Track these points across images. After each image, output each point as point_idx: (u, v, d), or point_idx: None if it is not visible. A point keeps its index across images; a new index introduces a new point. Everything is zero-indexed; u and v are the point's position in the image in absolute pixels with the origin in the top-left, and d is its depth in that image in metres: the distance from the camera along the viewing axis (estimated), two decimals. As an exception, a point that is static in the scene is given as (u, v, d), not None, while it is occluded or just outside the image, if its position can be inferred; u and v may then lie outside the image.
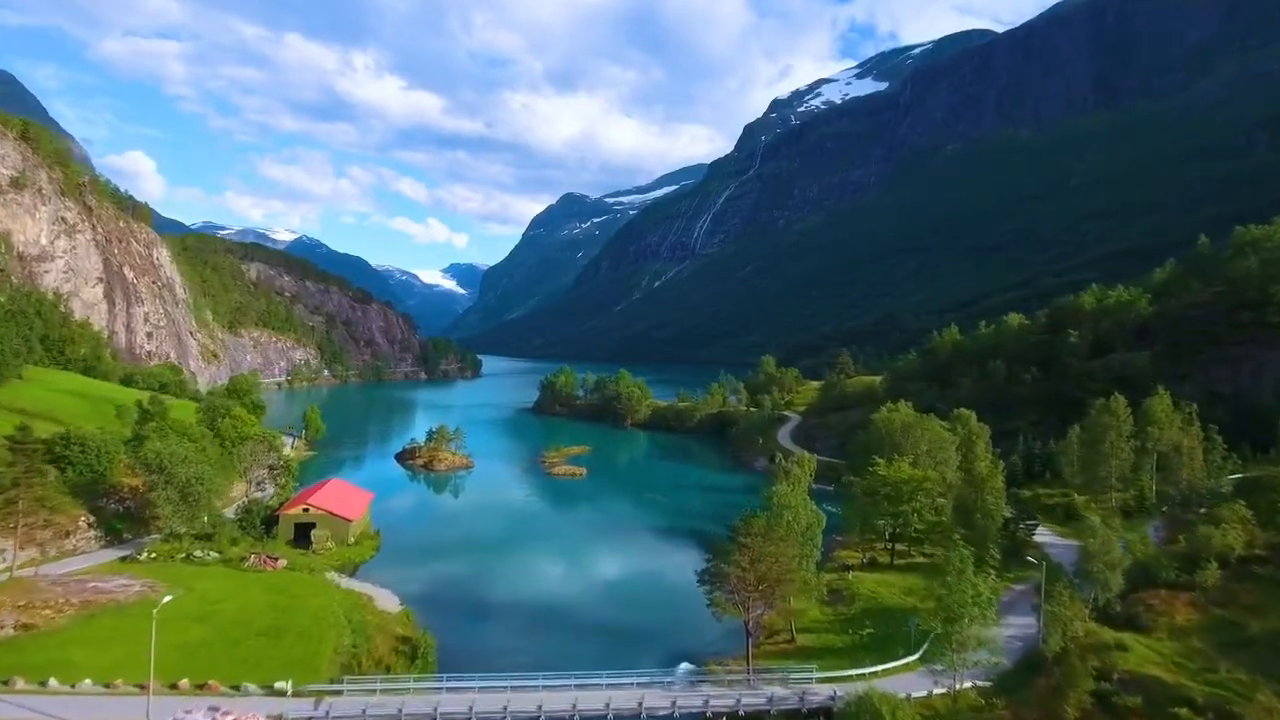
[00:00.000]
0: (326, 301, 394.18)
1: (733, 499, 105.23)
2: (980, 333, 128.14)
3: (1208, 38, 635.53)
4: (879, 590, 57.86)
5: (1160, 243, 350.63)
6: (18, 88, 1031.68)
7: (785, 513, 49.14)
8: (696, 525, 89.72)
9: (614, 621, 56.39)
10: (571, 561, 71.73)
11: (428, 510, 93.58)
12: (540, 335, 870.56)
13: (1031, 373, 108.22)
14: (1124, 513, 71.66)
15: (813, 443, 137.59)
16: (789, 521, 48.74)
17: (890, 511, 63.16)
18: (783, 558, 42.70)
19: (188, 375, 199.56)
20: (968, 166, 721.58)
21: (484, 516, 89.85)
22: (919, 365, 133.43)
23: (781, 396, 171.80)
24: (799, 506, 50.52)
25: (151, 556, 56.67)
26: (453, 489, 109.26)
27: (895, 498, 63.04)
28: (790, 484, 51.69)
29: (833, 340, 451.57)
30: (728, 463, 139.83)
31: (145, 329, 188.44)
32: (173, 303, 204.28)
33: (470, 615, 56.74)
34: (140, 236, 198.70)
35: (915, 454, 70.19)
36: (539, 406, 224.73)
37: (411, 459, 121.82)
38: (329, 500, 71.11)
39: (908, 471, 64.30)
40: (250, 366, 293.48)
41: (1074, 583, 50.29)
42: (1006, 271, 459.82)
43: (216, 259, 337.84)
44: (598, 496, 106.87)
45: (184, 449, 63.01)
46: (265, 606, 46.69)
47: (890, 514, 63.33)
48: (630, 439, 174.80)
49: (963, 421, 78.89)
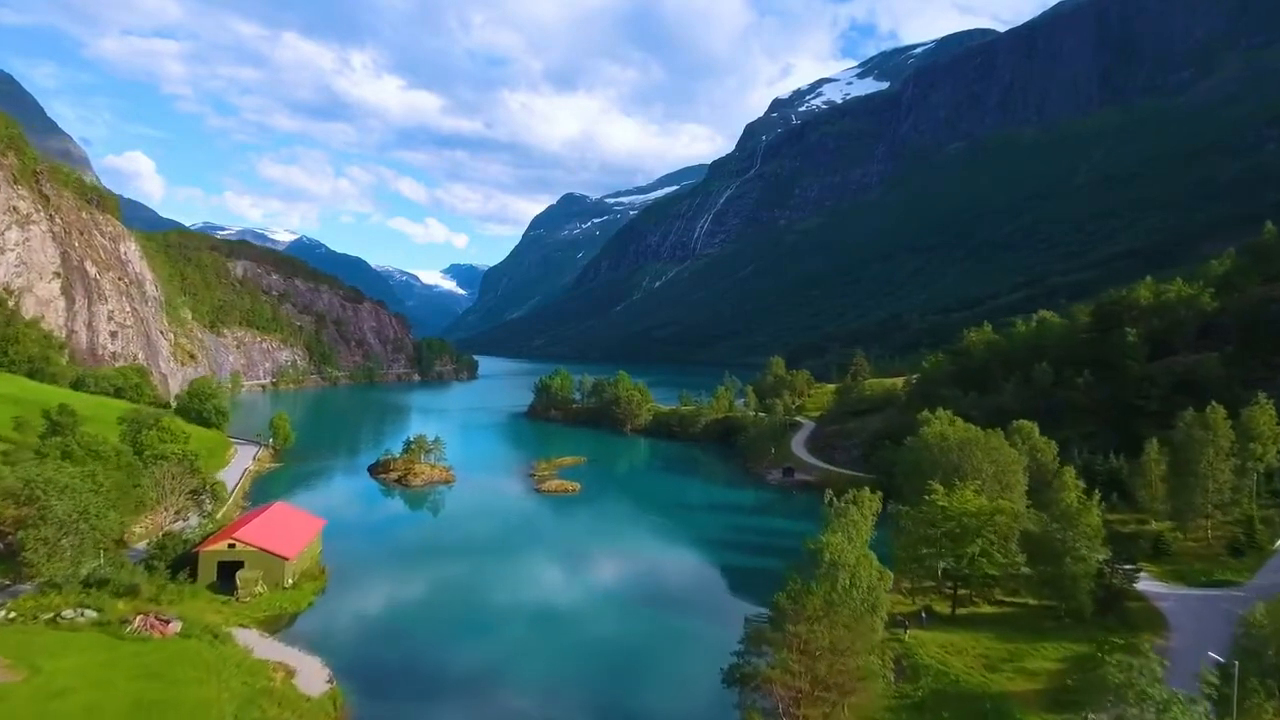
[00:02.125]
0: (316, 300, 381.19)
1: (748, 521, 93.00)
2: (1017, 331, 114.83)
3: (1214, 34, 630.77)
4: (948, 659, 45.06)
5: (1170, 241, 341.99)
6: (15, 87, 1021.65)
7: (841, 573, 35.88)
8: (709, 557, 77.22)
9: (610, 704, 43.43)
10: (556, 615, 57.36)
11: (392, 538, 79.42)
12: (540, 336, 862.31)
13: (1084, 377, 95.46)
14: (1232, 549, 59.01)
15: (831, 453, 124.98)
16: (846, 586, 35.63)
17: (953, 552, 50.54)
18: (850, 652, 29.80)
19: (157, 378, 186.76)
20: (971, 165, 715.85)
21: (457, 547, 76.30)
22: (949, 367, 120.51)
23: (793, 400, 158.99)
24: (859, 565, 37.02)
25: (10, 616, 43.77)
26: (428, 508, 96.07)
27: (959, 535, 50.41)
28: (847, 529, 37.72)
29: (836, 341, 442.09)
30: (737, 474, 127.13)
31: (109, 328, 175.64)
32: (141, 300, 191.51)
33: (424, 693, 43.90)
34: (105, 229, 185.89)
35: (979, 478, 57.25)
36: (533, 411, 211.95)
37: (385, 473, 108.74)
38: (262, 533, 58.24)
39: (974, 502, 51.54)
40: (233, 368, 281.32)
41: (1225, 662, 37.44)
42: (1012, 271, 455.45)
43: (200, 256, 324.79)
44: (592, 517, 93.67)
45: (65, 476, 50.25)
46: (126, 704, 33.84)
47: (953, 554, 50.71)
48: (630, 446, 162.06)
49: (1023, 435, 66.05)
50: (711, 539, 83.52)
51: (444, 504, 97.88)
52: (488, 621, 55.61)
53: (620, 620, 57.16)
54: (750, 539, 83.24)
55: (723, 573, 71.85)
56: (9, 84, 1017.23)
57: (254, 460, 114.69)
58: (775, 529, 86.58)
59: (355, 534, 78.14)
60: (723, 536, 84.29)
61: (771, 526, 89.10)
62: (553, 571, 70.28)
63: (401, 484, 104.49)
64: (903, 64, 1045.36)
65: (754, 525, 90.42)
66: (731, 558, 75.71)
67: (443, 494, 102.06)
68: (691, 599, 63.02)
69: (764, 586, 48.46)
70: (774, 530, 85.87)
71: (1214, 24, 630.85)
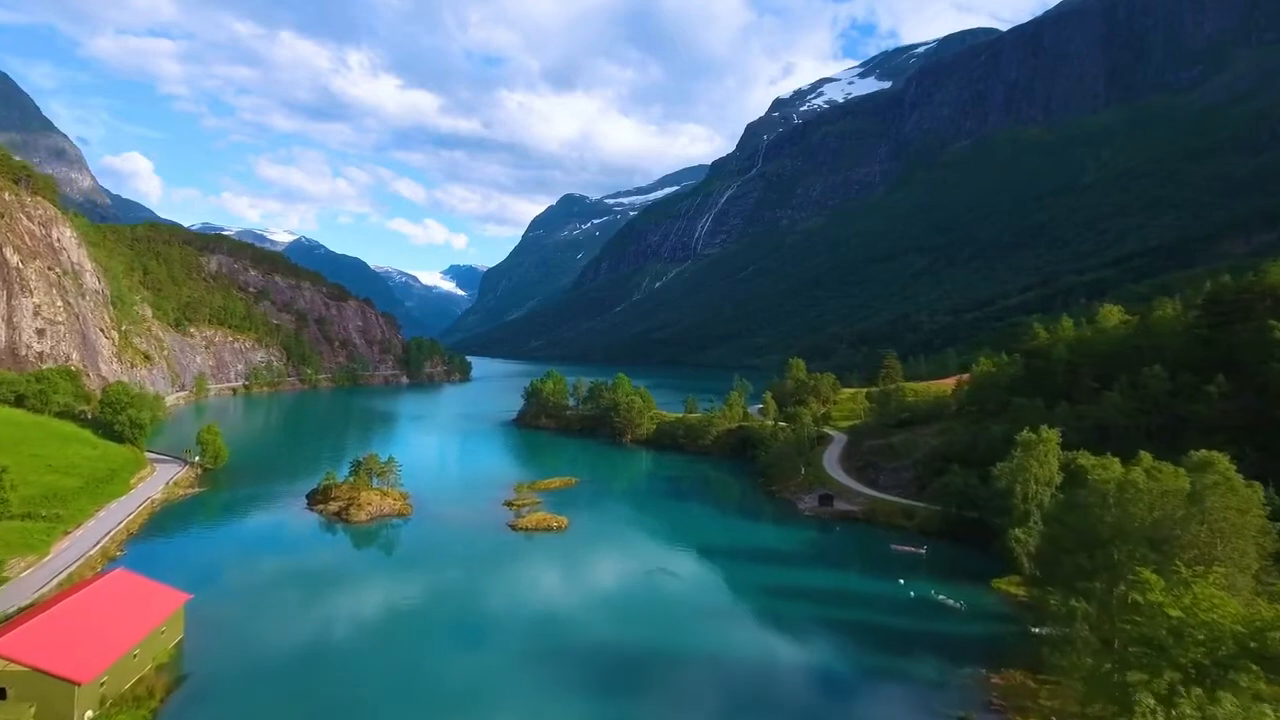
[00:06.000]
0: (297, 298, 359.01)
1: (789, 577, 69.02)
2: (1108, 327, 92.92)
3: (1224, 31, 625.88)
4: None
5: (1189, 239, 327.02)
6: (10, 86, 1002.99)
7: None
8: (743, 646, 52.85)
9: None
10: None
11: (302, 610, 55.90)
12: (538, 337, 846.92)
13: (1218, 383, 74.11)
14: None
15: (874, 474, 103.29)
16: None
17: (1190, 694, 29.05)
18: None
19: (94, 381, 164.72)
20: (976, 164, 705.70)
21: (387, 630, 52.85)
22: (1016, 371, 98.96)
23: (818, 408, 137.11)
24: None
25: None
26: (365, 558, 73.04)
27: (1201, 670, 28.92)
28: None
29: (843, 342, 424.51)
30: (758, 499, 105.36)
31: (35, 325, 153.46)
32: (78, 294, 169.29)
33: None
34: (35, 213, 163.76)
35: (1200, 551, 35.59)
36: (522, 419, 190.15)
37: (324, 502, 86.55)
38: (39, 639, 36.29)
39: (1230, 608, 29.90)
40: (199, 370, 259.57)
41: None
42: (1023, 270, 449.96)
43: (167, 250, 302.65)
44: (579, 576, 69.44)
45: None
46: None
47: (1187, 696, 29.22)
48: (630, 461, 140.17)
49: (1218, 471, 44.21)
50: (747, 610, 60.81)
51: (387, 552, 75.32)
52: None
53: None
54: (799, 610, 60.56)
55: (765, 675, 49.46)
56: (4, 83, 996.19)
57: (166, 485, 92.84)
58: (832, 591, 64.69)
59: (254, 605, 55.96)
60: (760, 607, 61.13)
61: (822, 585, 66.94)
62: (512, 684, 45.30)
63: (341, 517, 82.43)
64: (905, 63, 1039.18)
65: (798, 583, 67.12)
66: (776, 647, 53.63)
67: (390, 534, 79.75)
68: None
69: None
70: (833, 595, 63.92)
71: (1224, 21, 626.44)
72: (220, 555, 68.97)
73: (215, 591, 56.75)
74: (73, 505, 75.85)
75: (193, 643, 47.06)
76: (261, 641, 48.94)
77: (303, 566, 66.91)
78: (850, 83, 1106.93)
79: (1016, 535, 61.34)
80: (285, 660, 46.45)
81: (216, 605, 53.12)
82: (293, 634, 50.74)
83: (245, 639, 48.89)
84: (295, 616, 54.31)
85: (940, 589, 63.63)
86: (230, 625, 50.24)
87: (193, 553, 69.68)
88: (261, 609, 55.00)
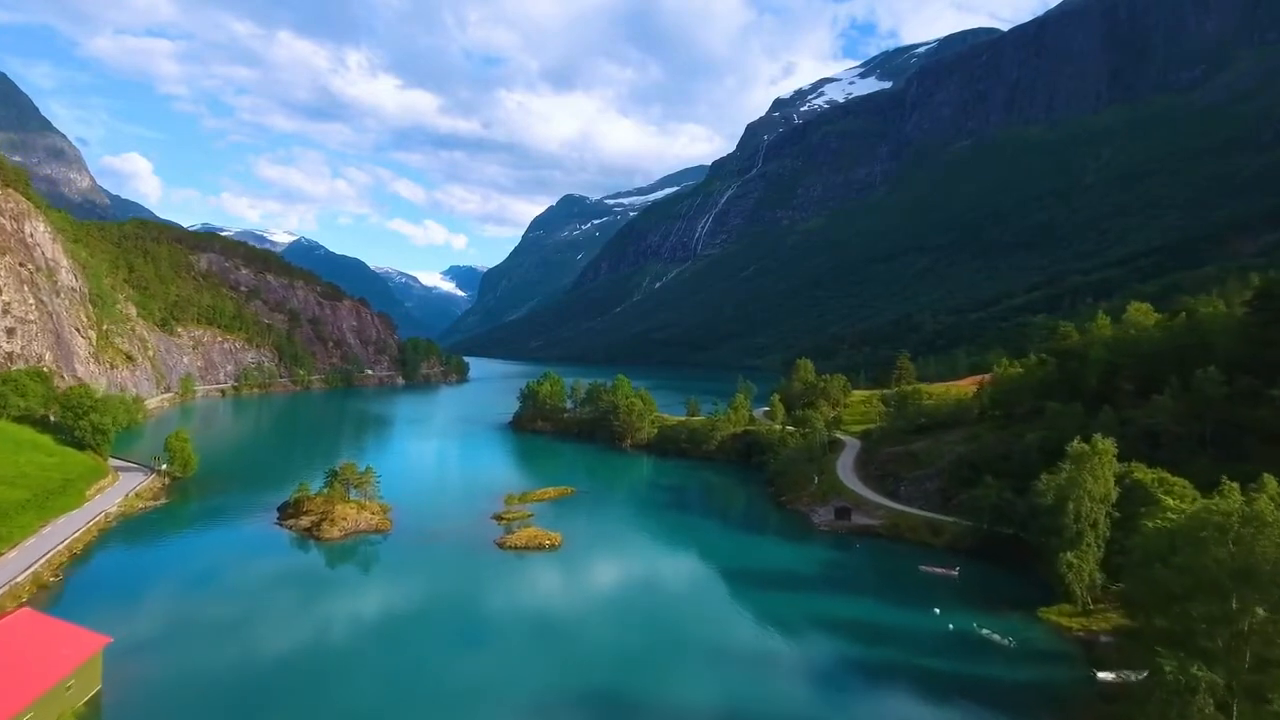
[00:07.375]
0: (290, 297, 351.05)
1: (807, 605, 60.71)
2: (1150, 327, 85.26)
3: (1226, 30, 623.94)
4: None
5: (1194, 239, 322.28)
6: (9, 86, 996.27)
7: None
8: (757, 706, 44.33)
9: None
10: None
11: (249, 652, 47.67)
12: (538, 337, 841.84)
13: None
14: None
15: (894, 484, 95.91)
16: None
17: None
18: None
19: (69, 383, 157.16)
20: (978, 164, 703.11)
21: (344, 676, 45.15)
22: (1048, 373, 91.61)
23: (829, 411, 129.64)
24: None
25: None
26: (333, 582, 64.96)
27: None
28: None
29: (844, 342, 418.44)
30: (767, 510, 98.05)
31: (4, 324, 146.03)
32: (52, 292, 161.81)
33: None
34: (5, 207, 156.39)
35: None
36: (518, 422, 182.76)
37: (296, 516, 79.11)
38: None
39: None
40: (186, 371, 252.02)
41: None
42: (1026, 270, 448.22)
43: (155, 248, 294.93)
44: (571, 608, 60.33)
45: None
46: None
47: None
48: (629, 468, 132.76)
49: None
50: (756, 653, 51.98)
51: (361, 573, 67.77)
52: None
53: None
54: (822, 647, 52.96)
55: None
56: (3, 83, 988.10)
57: (125, 498, 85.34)
58: (860, 624, 56.77)
59: (193, 648, 47.84)
60: (777, 646, 53.17)
61: (846, 614, 59.12)
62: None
63: (312, 533, 74.94)
64: (905, 64, 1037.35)
65: (819, 612, 59.13)
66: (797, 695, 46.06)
67: (366, 552, 72.21)
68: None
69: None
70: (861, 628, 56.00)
71: (1226, 20, 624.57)
72: (167, 583, 61.32)
73: (151, 630, 49.28)
74: (14, 521, 68.32)
75: (113, 695, 39.66)
76: (195, 693, 41.30)
77: (260, 596, 59.14)
78: (851, 83, 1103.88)
79: (1069, 560, 54.21)
80: (221, 717, 38.96)
81: (148, 649, 45.63)
82: (235, 683, 43.02)
83: (177, 690, 41.34)
84: (241, 661, 46.36)
85: (982, 620, 56.22)
86: (162, 674, 42.74)
87: (135, 580, 61.97)
88: (201, 653, 46.99)
